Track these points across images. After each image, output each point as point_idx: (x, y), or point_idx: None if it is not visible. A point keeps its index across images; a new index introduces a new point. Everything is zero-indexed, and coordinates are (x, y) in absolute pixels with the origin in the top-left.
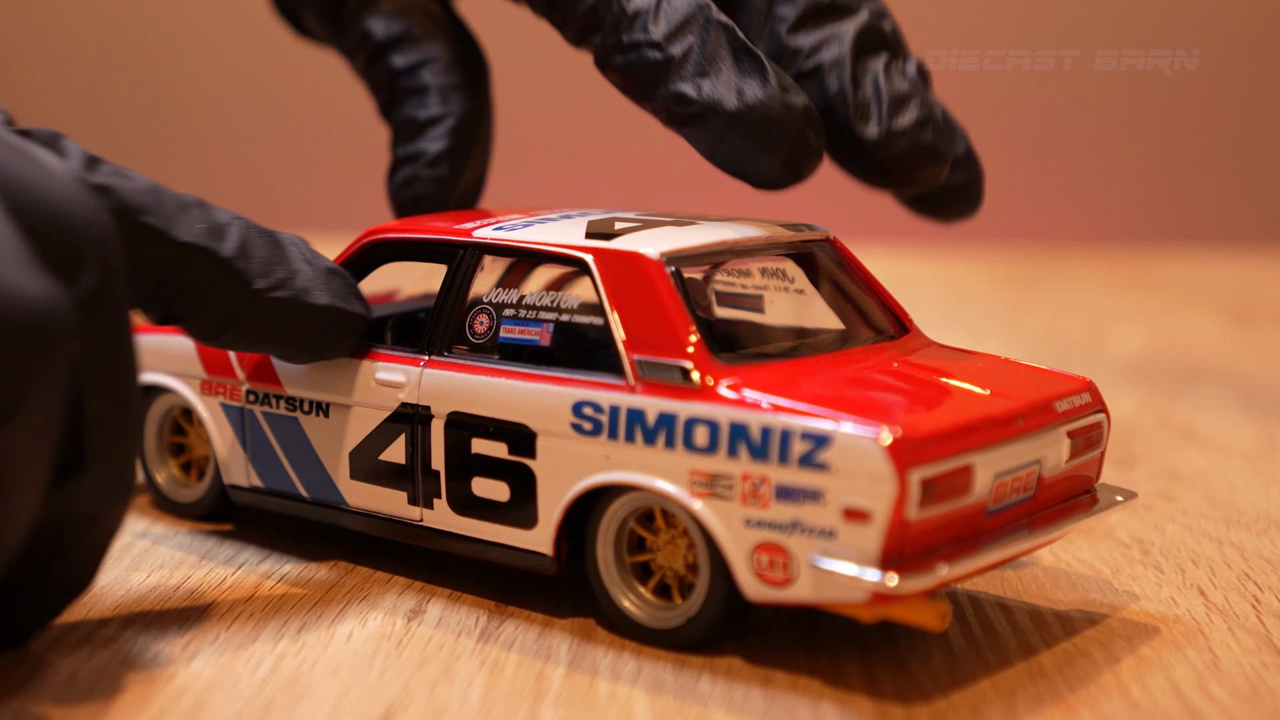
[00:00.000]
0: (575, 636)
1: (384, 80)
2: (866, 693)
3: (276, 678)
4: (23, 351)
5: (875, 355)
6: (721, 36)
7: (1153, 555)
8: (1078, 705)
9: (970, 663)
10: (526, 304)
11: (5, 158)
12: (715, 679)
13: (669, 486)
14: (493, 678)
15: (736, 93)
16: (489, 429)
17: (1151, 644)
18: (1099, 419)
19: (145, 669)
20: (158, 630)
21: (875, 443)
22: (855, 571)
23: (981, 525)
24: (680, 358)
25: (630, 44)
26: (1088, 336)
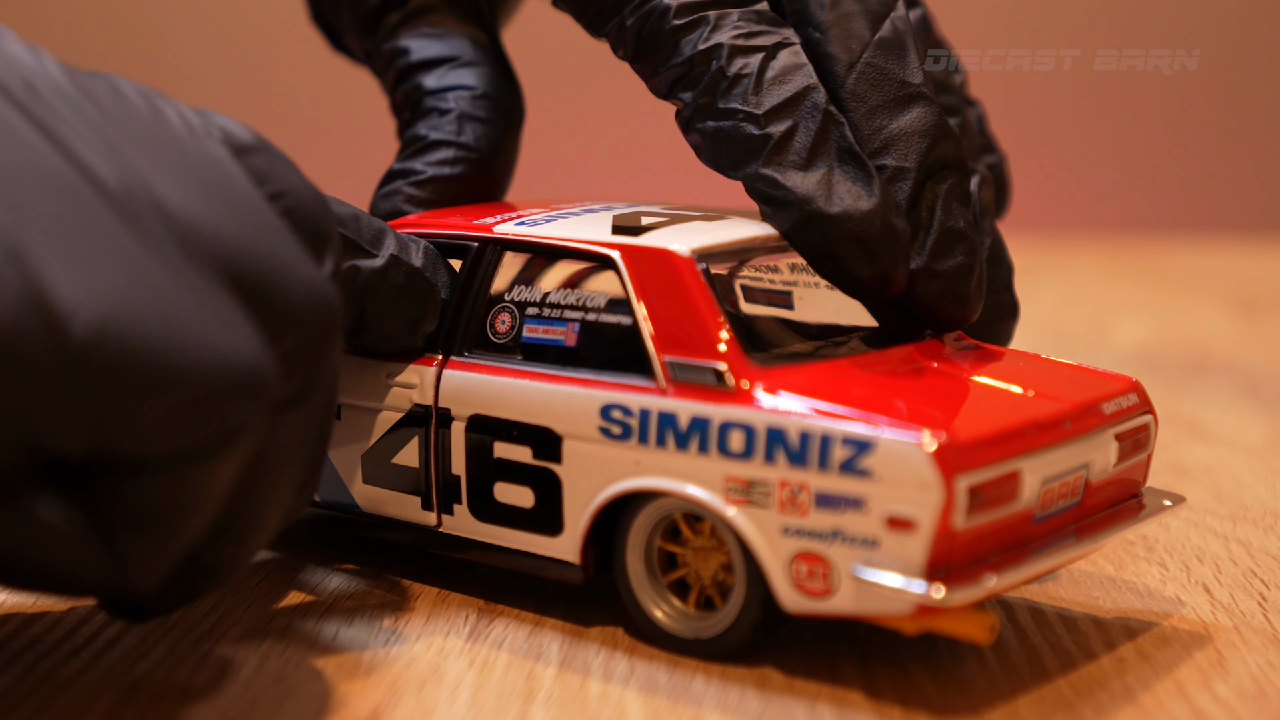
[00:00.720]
0: (566, 635)
1: (409, 99)
2: (864, 693)
3: (260, 677)
4: (322, 334)
5: (914, 355)
6: (830, 129)
7: (1157, 552)
8: (1080, 705)
9: (970, 662)
10: (551, 302)
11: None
12: (710, 679)
13: (702, 493)
14: (482, 677)
15: (838, 197)
16: (512, 432)
17: (1156, 643)
18: (1146, 420)
19: (125, 669)
20: (138, 633)
21: (920, 448)
22: (900, 583)
23: (1029, 533)
24: (713, 359)
25: (724, 110)
26: (1091, 328)
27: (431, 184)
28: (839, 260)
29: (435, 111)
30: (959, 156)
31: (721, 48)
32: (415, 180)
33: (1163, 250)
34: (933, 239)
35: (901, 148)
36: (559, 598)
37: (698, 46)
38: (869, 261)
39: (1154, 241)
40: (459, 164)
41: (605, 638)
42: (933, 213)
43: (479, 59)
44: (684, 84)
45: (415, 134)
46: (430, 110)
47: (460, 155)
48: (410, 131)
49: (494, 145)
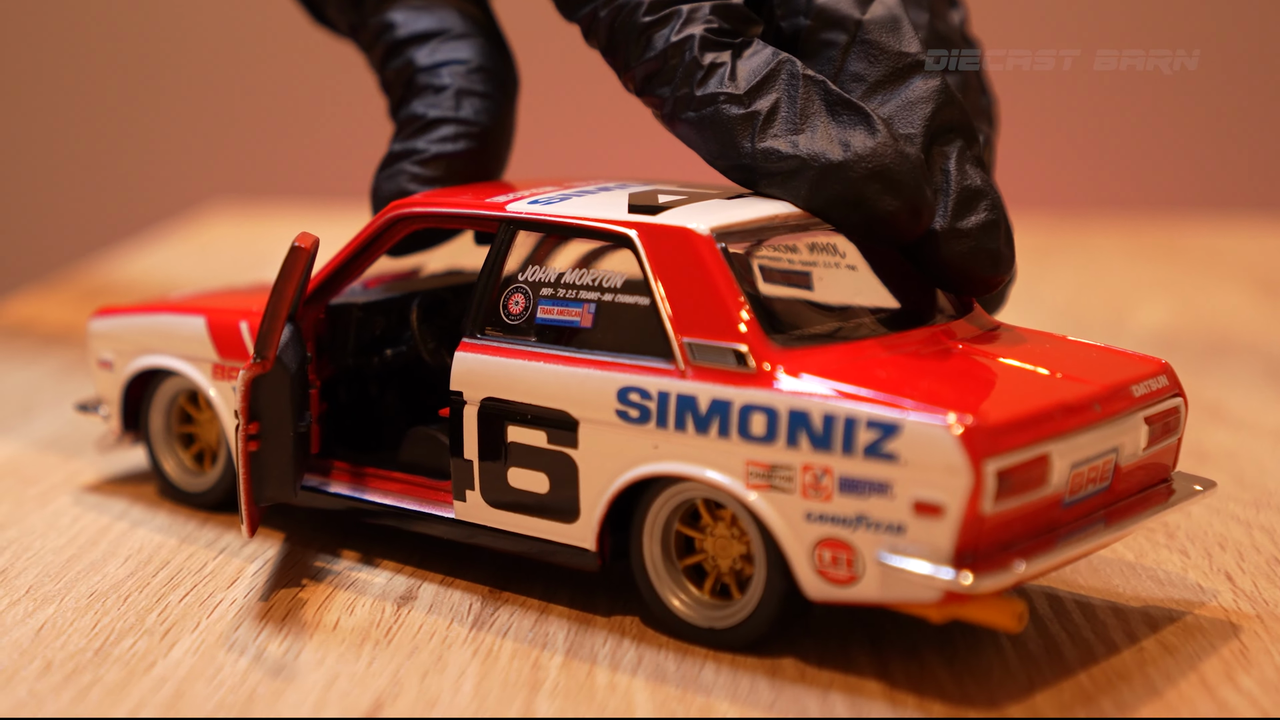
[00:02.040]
0: (573, 623)
1: (401, 76)
2: (878, 682)
3: (259, 667)
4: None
5: (938, 336)
6: (813, 90)
7: (1178, 539)
8: (1099, 695)
9: (986, 651)
10: (566, 283)
11: None
12: (719, 668)
13: (722, 478)
14: (486, 667)
15: (841, 145)
16: (527, 416)
17: (1176, 632)
18: (1176, 403)
19: (122, 658)
20: (135, 617)
21: (948, 431)
22: (927, 569)
23: (1057, 518)
24: (734, 340)
25: (704, 97)
26: (1111, 309)
27: (436, 162)
28: (864, 203)
29: (430, 89)
30: (964, 120)
31: (693, 39)
32: (419, 159)
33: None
34: (953, 199)
35: (906, 116)
36: (565, 584)
37: (670, 39)
38: (894, 194)
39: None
40: (461, 139)
41: (613, 626)
42: (947, 175)
43: (470, 31)
44: (659, 79)
45: (412, 113)
46: (425, 87)
47: (462, 131)
48: (406, 110)
49: (494, 118)
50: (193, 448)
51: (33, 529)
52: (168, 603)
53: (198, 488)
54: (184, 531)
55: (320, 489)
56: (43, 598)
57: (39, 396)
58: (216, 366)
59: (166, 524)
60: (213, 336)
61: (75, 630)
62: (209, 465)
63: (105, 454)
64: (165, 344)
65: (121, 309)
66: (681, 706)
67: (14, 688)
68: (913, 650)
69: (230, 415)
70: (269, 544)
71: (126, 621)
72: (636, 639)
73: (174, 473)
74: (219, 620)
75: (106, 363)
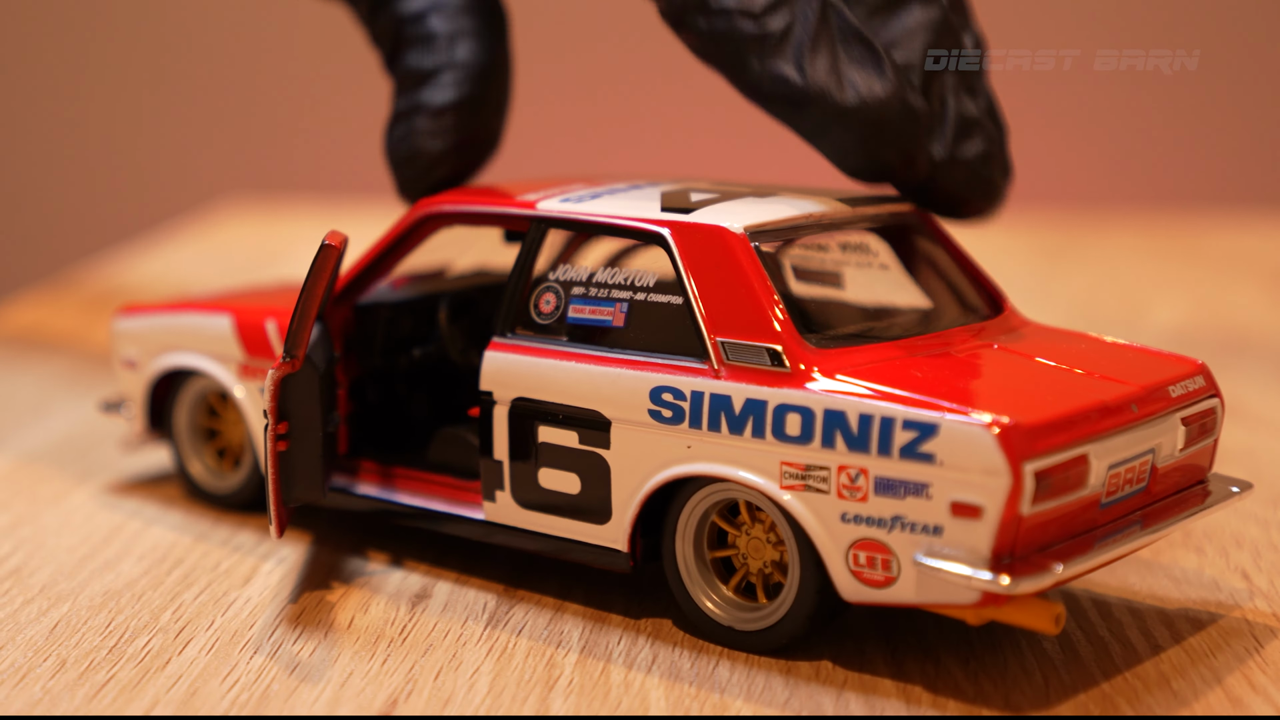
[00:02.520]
0: (588, 621)
1: (388, 29)
2: (893, 681)
3: (274, 665)
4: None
5: (973, 336)
6: (829, 14)
7: (1194, 537)
8: (1114, 694)
9: (1001, 649)
10: (598, 281)
11: None
12: (734, 666)
13: (757, 479)
14: (501, 665)
15: (850, 85)
16: (558, 416)
17: (1192, 630)
18: (1213, 404)
19: (137, 655)
20: (150, 615)
21: (986, 432)
22: (965, 571)
23: (1095, 519)
24: (769, 340)
25: (719, 10)
26: (1126, 307)
27: (446, 112)
28: (863, 150)
29: (420, 39)
30: (961, 48)
31: None
32: (430, 112)
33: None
34: (950, 128)
35: (905, 44)
36: (581, 582)
37: None
38: (894, 147)
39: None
40: (465, 84)
41: (628, 624)
42: (944, 104)
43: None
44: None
45: (408, 67)
46: (415, 38)
47: (463, 75)
48: (401, 65)
49: (490, 54)
50: (217, 447)
51: (46, 527)
52: (182, 601)
53: (224, 488)
54: (198, 530)
55: (348, 490)
56: (57, 596)
57: (52, 398)
58: (243, 366)
59: (180, 522)
60: (239, 335)
61: (89, 628)
62: (233, 466)
63: (128, 454)
64: (190, 343)
65: (146, 307)
66: (696, 705)
67: (28, 686)
68: (928, 649)
69: (257, 415)
70: (284, 542)
71: (141, 619)
72: (651, 637)
73: (199, 474)
74: (233, 618)
75: (131, 362)
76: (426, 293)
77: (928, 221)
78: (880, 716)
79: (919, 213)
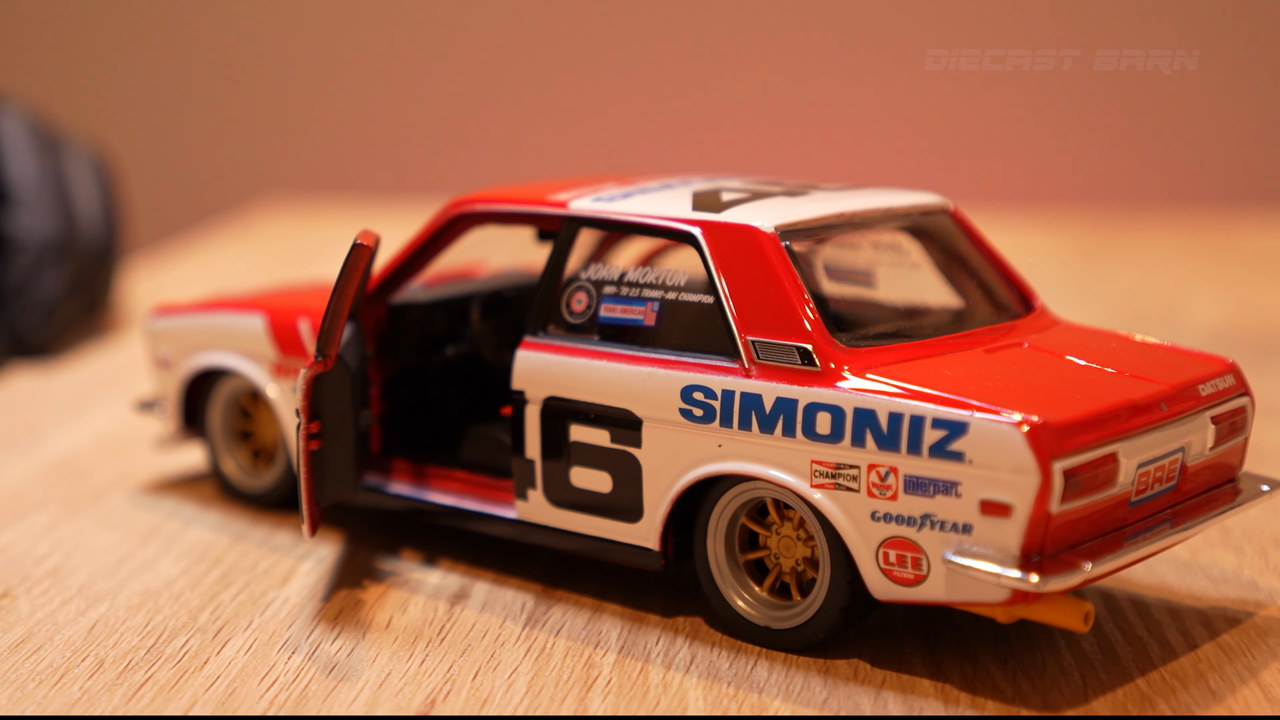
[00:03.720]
0: (626, 621)
1: None
2: (931, 681)
3: (312, 665)
4: None
5: (1003, 335)
6: None
7: (1233, 537)
8: (1152, 694)
9: (1040, 650)
10: (629, 281)
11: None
12: (773, 666)
13: (787, 477)
14: (539, 665)
15: None
16: (590, 415)
17: (1231, 630)
18: (1243, 403)
19: (175, 655)
20: (187, 615)
21: (1016, 431)
22: (994, 569)
23: (1124, 518)
24: (799, 339)
25: None
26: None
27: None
28: None
29: None
30: None
31: None
32: None
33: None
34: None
35: None
36: (619, 583)
37: None
38: None
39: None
40: None
41: (667, 624)
42: None
43: None
44: None
45: None
46: None
47: None
48: None
49: None
50: (250, 446)
51: (84, 527)
52: (220, 601)
53: (257, 487)
54: (236, 529)
55: (380, 488)
56: (95, 596)
57: (88, 397)
58: (277, 366)
59: (218, 522)
60: (272, 335)
61: (127, 628)
62: (267, 465)
63: (163, 453)
64: (224, 342)
65: (180, 306)
66: (735, 704)
67: (66, 686)
68: (967, 649)
69: (289, 414)
70: (322, 542)
71: (179, 619)
72: (690, 637)
73: (233, 472)
74: (272, 618)
75: (164, 361)
76: (459, 292)
77: (959, 220)
78: (918, 717)
79: (951, 211)
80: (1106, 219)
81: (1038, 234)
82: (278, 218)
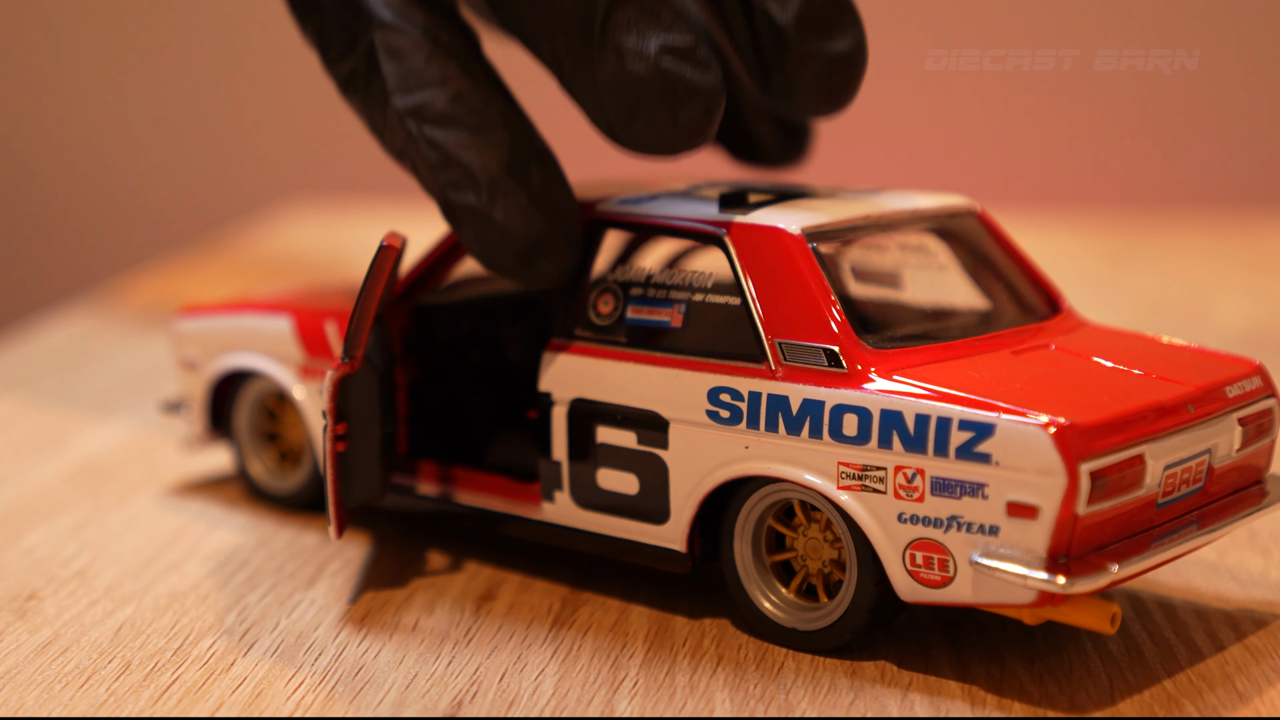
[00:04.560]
0: (652, 623)
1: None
2: (958, 683)
3: (339, 667)
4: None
5: (1029, 337)
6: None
7: (1260, 539)
8: (1180, 696)
9: (1067, 651)
10: (656, 283)
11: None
12: (799, 668)
13: (814, 479)
14: (566, 666)
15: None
16: (616, 417)
17: (1258, 632)
18: (1270, 405)
19: (202, 657)
20: (214, 617)
21: (1043, 433)
22: (1022, 571)
23: (1151, 520)
24: (826, 341)
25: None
26: (1191, 309)
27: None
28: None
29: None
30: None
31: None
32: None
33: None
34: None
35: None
36: (645, 584)
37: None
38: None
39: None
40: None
41: (693, 625)
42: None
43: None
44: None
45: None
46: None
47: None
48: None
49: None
50: (278, 448)
51: (111, 529)
52: (246, 603)
53: (283, 489)
54: (262, 532)
55: (406, 490)
56: (122, 597)
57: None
58: (303, 367)
59: (245, 524)
60: (299, 336)
61: (154, 630)
62: (294, 466)
63: (189, 455)
64: (250, 344)
65: (206, 308)
66: (761, 706)
67: (93, 688)
68: (994, 650)
69: (316, 416)
70: (348, 544)
71: (205, 621)
72: (716, 638)
73: (260, 474)
74: (298, 620)
75: (191, 363)
76: (485, 294)
77: (986, 222)
78: (945, 718)
79: (978, 213)
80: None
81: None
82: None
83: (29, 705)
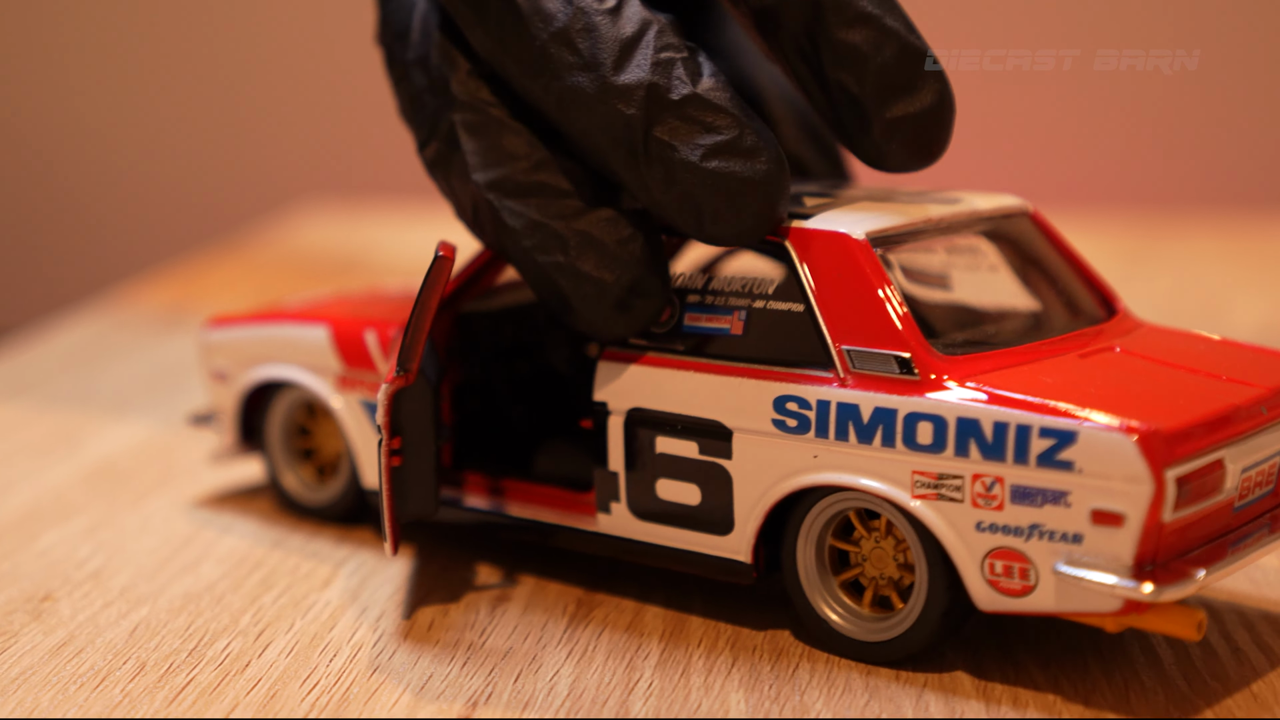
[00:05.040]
0: (667, 624)
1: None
2: (973, 682)
3: (353, 668)
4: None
5: (1092, 340)
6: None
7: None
8: (1194, 695)
9: (1082, 651)
10: (714, 289)
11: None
12: (814, 669)
13: (886, 488)
14: (580, 668)
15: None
16: (677, 426)
17: (1273, 633)
18: None
19: (217, 658)
20: (229, 618)
21: (1127, 439)
22: (1108, 580)
23: (1228, 524)
24: (897, 347)
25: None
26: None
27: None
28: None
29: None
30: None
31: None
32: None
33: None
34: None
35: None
36: (660, 586)
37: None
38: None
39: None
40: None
41: (708, 627)
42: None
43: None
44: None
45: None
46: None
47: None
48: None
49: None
50: (311, 459)
51: (126, 530)
52: (262, 604)
53: (318, 501)
54: (277, 534)
55: (455, 503)
56: (137, 599)
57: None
58: (341, 378)
59: (259, 526)
60: (337, 347)
61: (169, 631)
62: (330, 477)
63: (218, 467)
64: (285, 354)
65: (235, 318)
66: (776, 707)
67: (107, 689)
68: (1008, 650)
69: (355, 427)
70: (362, 547)
71: (220, 622)
72: (731, 640)
73: (293, 486)
74: (313, 621)
75: (221, 374)
76: (528, 300)
77: (1039, 223)
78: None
79: (1031, 214)
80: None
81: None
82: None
83: (44, 706)
